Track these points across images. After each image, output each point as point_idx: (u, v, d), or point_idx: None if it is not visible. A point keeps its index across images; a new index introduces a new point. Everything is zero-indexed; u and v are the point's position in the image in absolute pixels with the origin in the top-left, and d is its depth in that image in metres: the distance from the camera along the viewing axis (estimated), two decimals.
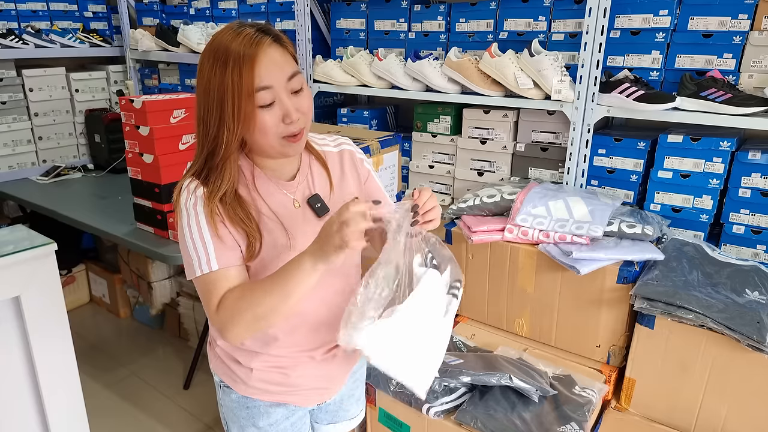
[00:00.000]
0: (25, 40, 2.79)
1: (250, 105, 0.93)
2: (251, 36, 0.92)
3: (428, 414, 1.47)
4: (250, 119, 0.94)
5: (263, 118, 0.94)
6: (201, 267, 0.97)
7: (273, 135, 0.96)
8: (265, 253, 1.02)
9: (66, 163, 2.96)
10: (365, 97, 2.72)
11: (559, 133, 1.96)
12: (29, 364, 1.42)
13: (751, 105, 1.53)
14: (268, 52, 0.93)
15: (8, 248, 1.33)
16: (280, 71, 0.94)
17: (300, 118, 0.97)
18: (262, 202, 1.04)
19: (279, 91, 0.94)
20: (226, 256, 0.98)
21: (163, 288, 2.81)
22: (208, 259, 0.97)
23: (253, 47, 0.92)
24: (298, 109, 0.97)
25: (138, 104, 1.86)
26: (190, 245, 0.98)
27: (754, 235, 1.67)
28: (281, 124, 0.96)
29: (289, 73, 0.96)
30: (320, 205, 1.09)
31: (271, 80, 0.93)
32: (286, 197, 1.07)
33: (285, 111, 0.95)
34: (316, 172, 1.12)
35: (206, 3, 2.87)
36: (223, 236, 0.98)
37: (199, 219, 0.98)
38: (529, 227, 1.66)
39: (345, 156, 1.18)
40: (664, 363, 1.46)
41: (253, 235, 0.99)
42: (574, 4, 1.87)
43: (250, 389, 1.13)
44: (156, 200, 1.93)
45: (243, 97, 0.91)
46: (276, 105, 0.95)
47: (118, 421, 2.26)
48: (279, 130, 0.96)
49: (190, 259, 0.98)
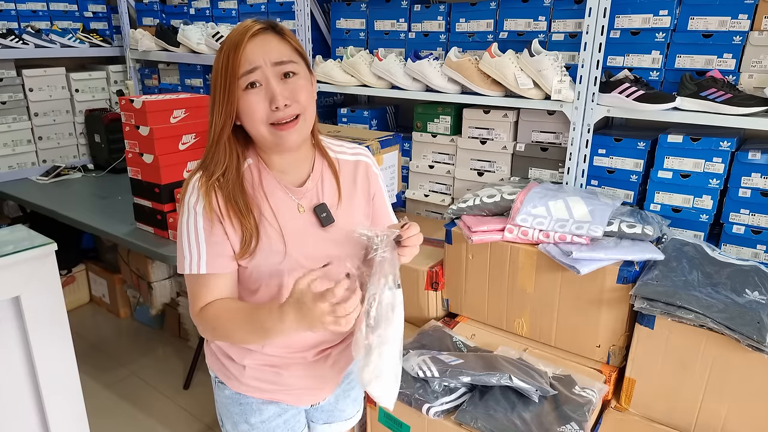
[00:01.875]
0: (25, 40, 2.79)
1: (236, 89, 0.95)
2: (248, 25, 0.96)
3: (428, 414, 1.47)
4: (238, 101, 0.96)
5: (249, 100, 0.96)
6: (191, 266, 1.01)
7: (260, 121, 0.97)
8: (259, 256, 1.02)
9: (66, 163, 2.97)
10: (365, 97, 2.72)
11: (559, 133, 1.96)
12: (29, 364, 1.42)
13: (751, 105, 1.53)
14: (259, 37, 0.96)
15: (8, 248, 1.33)
16: (267, 54, 0.95)
17: (292, 105, 0.97)
18: (266, 203, 1.04)
19: (266, 72, 0.95)
20: (217, 263, 1.00)
21: (163, 288, 2.81)
22: (199, 260, 1.00)
23: (245, 34, 0.95)
24: (288, 96, 0.96)
25: (138, 104, 1.86)
26: (185, 242, 1.01)
27: (754, 235, 1.67)
28: (268, 109, 0.96)
29: (278, 57, 0.96)
30: (326, 215, 1.07)
31: (257, 61, 0.95)
32: (291, 201, 1.06)
33: (271, 95, 0.95)
34: (327, 180, 1.10)
35: (206, 3, 2.87)
36: (217, 241, 1.00)
37: (197, 220, 1.00)
38: (529, 227, 1.66)
39: (360, 167, 1.15)
40: (664, 363, 1.46)
41: (250, 231, 1.00)
42: (574, 4, 1.87)
43: (243, 386, 1.14)
44: (156, 200, 1.93)
45: (229, 78, 0.94)
46: (263, 89, 0.96)
47: (118, 421, 2.26)
48: (266, 116, 0.96)
49: (182, 255, 1.02)
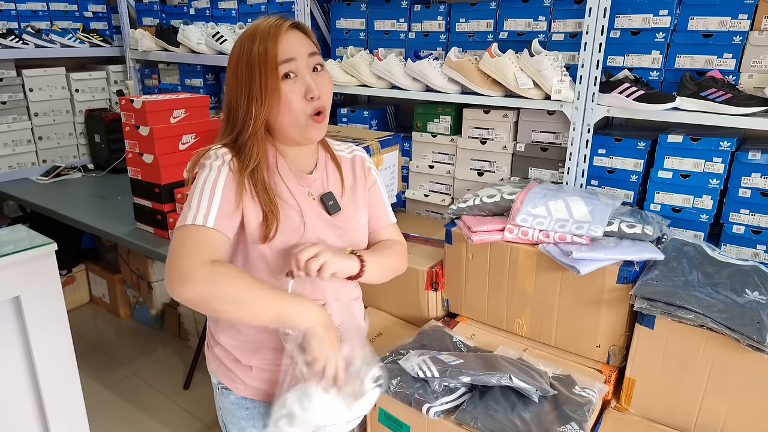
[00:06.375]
0: (25, 40, 2.79)
1: (275, 78, 0.99)
2: (276, 19, 1.02)
3: (428, 414, 1.47)
4: (275, 93, 0.99)
5: (287, 90, 1.00)
6: (197, 217, 0.95)
7: (299, 111, 1.01)
8: (280, 236, 1.04)
9: (66, 163, 2.97)
10: (365, 97, 2.72)
11: (559, 133, 1.96)
12: (29, 364, 1.42)
13: (751, 105, 1.53)
14: (291, 31, 1.02)
15: (8, 248, 1.33)
16: (302, 46, 1.02)
17: (321, 97, 1.03)
18: (283, 185, 1.07)
19: (301, 65, 1.01)
20: (224, 223, 0.98)
21: (163, 288, 2.81)
22: (208, 213, 0.96)
23: (278, 27, 1.00)
24: (319, 87, 1.02)
25: (138, 104, 1.86)
26: (197, 196, 0.98)
27: (754, 235, 1.67)
28: (304, 100, 1.01)
29: (310, 50, 1.03)
30: (333, 203, 1.12)
31: (294, 53, 1.00)
32: (302, 187, 1.10)
33: (307, 86, 1.01)
34: (331, 171, 1.17)
35: (206, 3, 2.87)
36: (230, 205, 0.99)
37: (219, 178, 1.00)
38: (529, 227, 1.66)
39: (357, 161, 1.22)
40: (664, 363, 1.46)
41: (273, 217, 1.02)
42: (574, 4, 1.87)
43: (249, 389, 1.13)
44: (156, 200, 1.93)
45: (269, 69, 0.98)
46: (299, 79, 1.01)
47: (118, 421, 2.26)
48: (303, 106, 1.01)
49: (188, 208, 0.97)
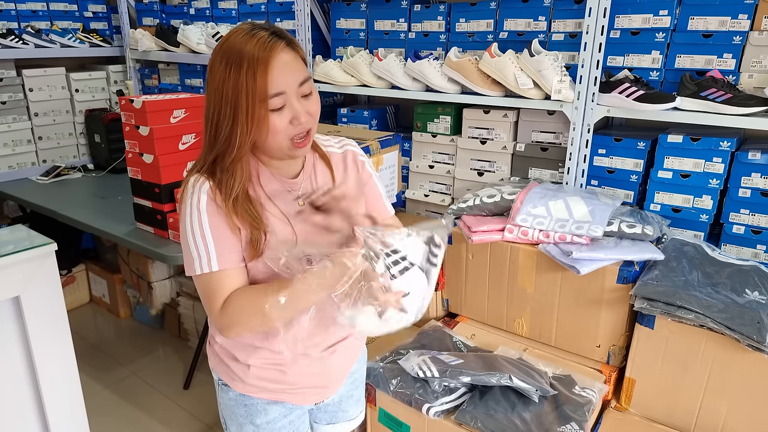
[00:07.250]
0: (25, 40, 2.79)
1: (263, 109, 0.94)
2: (265, 39, 0.93)
3: (428, 414, 1.47)
4: (263, 122, 0.95)
5: (274, 121, 0.96)
6: (202, 266, 0.99)
7: (282, 137, 0.98)
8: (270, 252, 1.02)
9: (66, 163, 2.96)
10: (365, 97, 2.72)
11: (559, 133, 1.96)
12: (29, 364, 1.42)
13: (751, 105, 1.53)
14: (281, 57, 0.94)
15: (8, 248, 1.33)
16: (292, 76, 0.96)
17: (309, 118, 1.00)
18: (267, 199, 1.06)
19: (290, 96, 0.96)
20: (228, 258, 0.99)
21: (163, 288, 2.81)
22: (209, 259, 0.99)
23: (267, 51, 0.92)
24: (307, 112, 0.99)
25: (138, 104, 1.86)
26: (192, 243, 0.99)
27: (754, 235, 1.67)
28: (290, 126, 0.98)
29: (300, 78, 0.97)
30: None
31: (284, 86, 0.95)
32: (289, 194, 1.09)
33: (294, 114, 0.97)
34: (320, 170, 1.15)
35: (206, 3, 2.87)
36: (225, 236, 0.99)
37: (202, 218, 0.99)
38: (529, 227, 1.66)
39: (348, 156, 1.20)
40: (664, 363, 1.46)
41: (260, 234, 1.01)
42: (574, 4, 1.87)
43: (248, 387, 1.14)
44: (156, 200, 1.93)
45: (257, 101, 0.93)
46: (286, 108, 0.97)
47: (118, 421, 2.26)
48: (288, 132, 0.98)
49: (191, 257, 1.00)
